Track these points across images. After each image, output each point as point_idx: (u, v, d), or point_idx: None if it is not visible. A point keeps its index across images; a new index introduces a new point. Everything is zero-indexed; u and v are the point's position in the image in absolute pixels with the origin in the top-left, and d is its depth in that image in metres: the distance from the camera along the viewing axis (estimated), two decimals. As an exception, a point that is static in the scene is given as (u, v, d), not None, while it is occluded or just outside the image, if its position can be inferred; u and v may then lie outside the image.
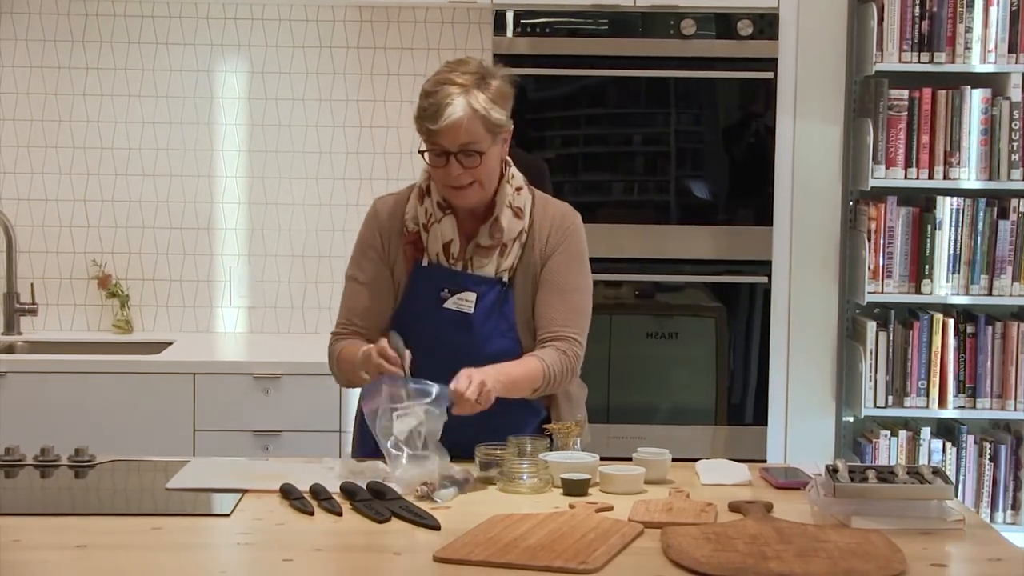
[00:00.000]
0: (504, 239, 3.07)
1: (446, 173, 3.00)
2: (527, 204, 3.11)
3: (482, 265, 3.07)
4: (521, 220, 3.09)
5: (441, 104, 2.96)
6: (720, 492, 2.86)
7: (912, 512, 2.63)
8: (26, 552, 2.45)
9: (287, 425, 4.37)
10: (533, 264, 3.10)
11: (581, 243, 3.15)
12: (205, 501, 2.80)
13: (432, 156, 3.02)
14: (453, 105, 2.95)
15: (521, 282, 3.10)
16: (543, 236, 3.10)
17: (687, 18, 4.63)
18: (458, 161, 2.99)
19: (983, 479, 4.76)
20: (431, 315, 3.06)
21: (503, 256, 3.07)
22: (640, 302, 4.74)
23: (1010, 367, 4.71)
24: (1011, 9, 4.64)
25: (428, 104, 2.98)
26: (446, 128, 2.95)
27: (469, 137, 2.97)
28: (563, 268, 3.10)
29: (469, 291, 3.05)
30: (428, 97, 2.99)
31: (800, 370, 4.92)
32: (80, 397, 4.35)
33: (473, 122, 2.97)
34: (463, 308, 3.05)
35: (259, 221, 5.01)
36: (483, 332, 3.05)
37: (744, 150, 4.77)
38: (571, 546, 2.43)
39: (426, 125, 2.98)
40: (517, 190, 3.11)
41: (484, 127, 2.98)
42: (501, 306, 3.07)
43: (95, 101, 4.96)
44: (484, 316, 3.06)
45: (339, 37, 4.96)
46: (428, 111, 2.98)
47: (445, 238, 3.07)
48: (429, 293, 3.07)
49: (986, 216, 4.69)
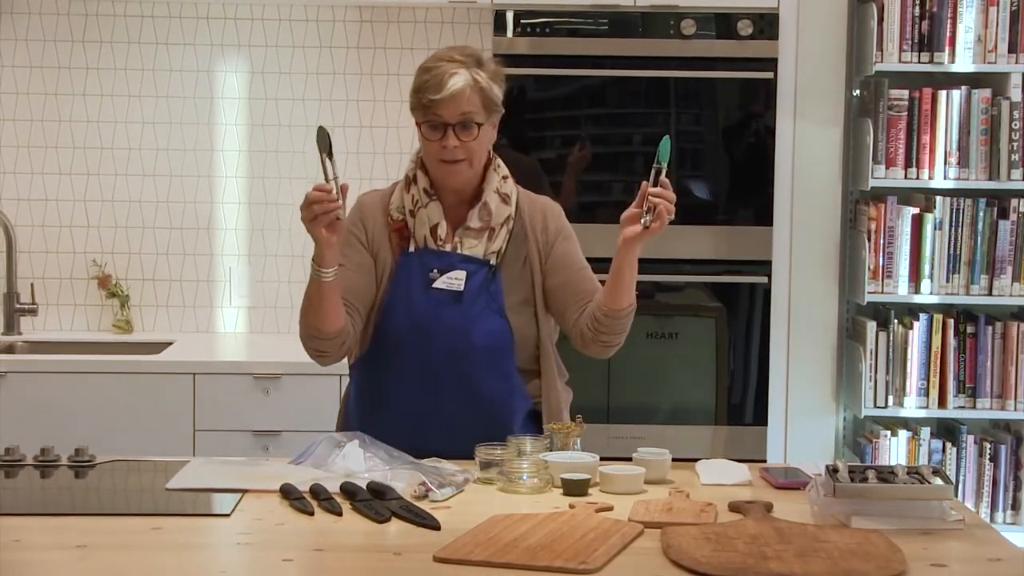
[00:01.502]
0: (492, 223, 3.13)
1: (441, 146, 3.06)
2: (513, 192, 3.19)
3: (471, 246, 3.12)
4: (508, 206, 3.15)
5: (444, 75, 3.03)
6: (720, 492, 2.86)
7: (912, 512, 2.63)
8: (26, 552, 2.45)
9: (287, 425, 4.37)
10: (528, 252, 3.16)
11: (570, 228, 3.26)
12: (205, 501, 2.80)
13: (428, 129, 3.07)
14: (456, 76, 3.03)
15: (510, 267, 3.15)
16: (535, 225, 3.17)
17: (687, 18, 4.63)
18: (455, 134, 3.04)
19: (983, 479, 4.76)
20: (421, 296, 3.10)
21: (491, 240, 3.13)
22: (640, 302, 4.69)
23: (1010, 367, 4.71)
24: (1011, 9, 4.64)
25: (429, 77, 3.05)
26: (448, 98, 3.02)
27: (470, 107, 3.04)
28: (572, 251, 3.20)
29: (458, 269, 3.10)
30: (428, 72, 3.07)
31: (800, 370, 4.92)
32: (80, 397, 4.35)
33: (474, 93, 3.04)
34: (453, 286, 3.09)
35: (259, 221, 5.01)
36: (472, 310, 3.09)
37: (744, 150, 4.77)
38: (571, 546, 2.43)
39: (427, 96, 3.04)
40: (504, 178, 3.18)
41: (482, 101, 3.06)
42: (489, 286, 3.11)
43: (95, 101, 4.96)
44: (473, 295, 3.10)
45: (339, 37, 4.97)
46: (430, 83, 3.04)
47: (432, 221, 3.12)
48: (417, 275, 3.11)
49: (986, 216, 4.69)
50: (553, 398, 3.19)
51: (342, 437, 2.99)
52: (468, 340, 3.08)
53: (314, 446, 3.00)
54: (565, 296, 3.16)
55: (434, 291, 3.09)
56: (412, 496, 2.74)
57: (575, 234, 3.25)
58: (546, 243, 3.17)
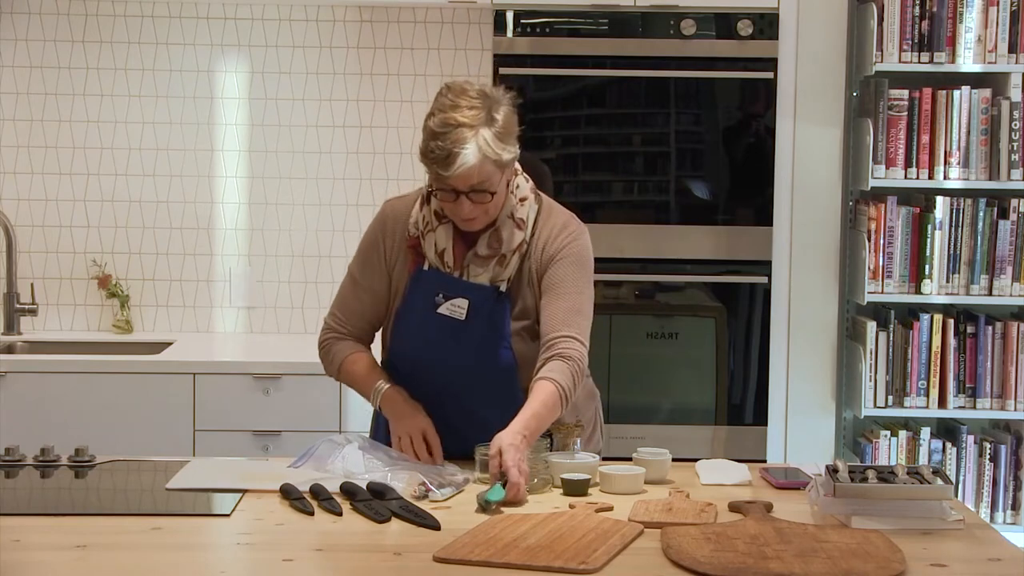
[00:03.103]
0: (503, 250, 3.04)
1: (456, 208, 2.98)
2: (530, 215, 3.08)
3: (478, 274, 3.04)
4: (522, 231, 3.05)
5: (452, 151, 2.88)
6: (720, 492, 2.86)
7: (912, 512, 2.63)
8: (26, 552, 2.45)
9: (287, 425, 4.37)
10: (529, 273, 3.07)
11: (583, 251, 3.10)
12: (205, 501, 2.80)
13: (442, 194, 2.97)
14: (464, 153, 2.88)
15: (517, 292, 3.07)
16: (540, 246, 3.07)
17: (687, 18, 4.63)
18: (469, 199, 2.96)
19: (983, 479, 4.76)
20: (425, 318, 3.06)
21: (501, 266, 3.04)
22: (640, 302, 4.74)
23: (1010, 367, 4.71)
24: (1011, 9, 4.64)
25: (437, 147, 2.90)
26: (457, 176, 2.91)
27: (481, 177, 2.93)
28: (561, 273, 3.05)
29: (462, 297, 3.04)
30: (436, 139, 2.90)
31: (800, 370, 4.92)
32: (80, 397, 4.35)
33: (485, 165, 2.91)
34: (455, 315, 3.03)
35: (259, 221, 5.01)
36: (473, 340, 3.04)
37: (744, 150, 4.77)
38: (571, 546, 2.43)
39: (437, 170, 2.92)
40: (521, 200, 3.07)
41: (495, 167, 2.94)
42: (493, 315, 3.04)
43: (95, 101, 4.96)
44: (475, 324, 3.04)
45: (339, 37, 4.96)
46: (439, 156, 2.90)
47: (439, 247, 3.05)
48: (426, 296, 3.07)
49: (986, 216, 4.69)
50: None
51: (341, 439, 2.99)
52: (470, 372, 3.03)
53: (313, 449, 3.00)
54: (540, 321, 3.04)
55: (438, 315, 3.05)
56: (412, 496, 2.75)
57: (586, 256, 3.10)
58: (542, 264, 3.06)
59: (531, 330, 3.06)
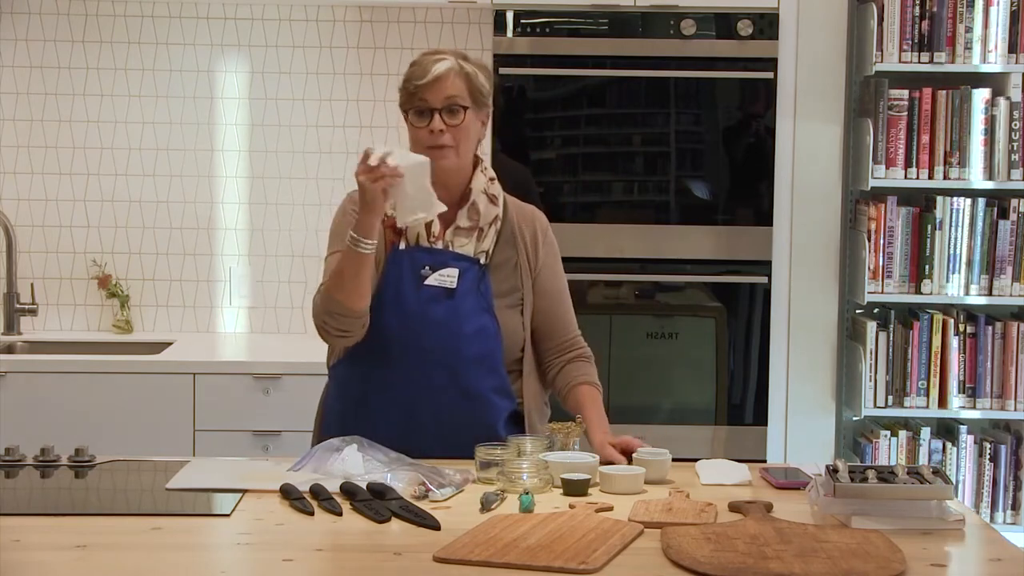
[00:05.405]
0: (481, 223, 3.16)
1: (428, 131, 3.10)
2: (500, 194, 3.23)
3: (462, 245, 3.15)
4: (496, 207, 3.19)
5: (429, 62, 3.11)
6: (720, 492, 2.86)
7: (912, 512, 2.63)
8: (26, 552, 2.45)
9: (287, 425, 4.37)
10: (518, 257, 3.20)
11: (555, 243, 3.31)
12: (205, 501, 2.80)
13: (415, 116, 3.12)
14: (440, 63, 3.10)
15: (499, 268, 3.18)
16: (525, 232, 3.23)
17: (687, 18, 4.64)
18: (441, 118, 3.08)
19: (983, 479, 4.76)
20: (412, 293, 3.11)
21: (480, 240, 3.16)
22: (640, 302, 4.74)
23: (1010, 367, 4.71)
24: (1011, 9, 4.64)
25: (415, 67, 3.13)
26: (433, 81, 3.08)
27: (455, 91, 3.10)
28: (555, 274, 3.27)
29: (451, 267, 3.12)
30: (414, 64, 3.15)
31: (800, 370, 4.92)
32: (80, 397, 4.35)
33: (459, 78, 3.10)
34: (446, 283, 3.12)
35: (259, 221, 5.01)
36: (464, 308, 3.12)
37: (744, 150, 4.77)
38: (571, 546, 2.43)
39: (413, 83, 3.10)
40: (491, 180, 3.23)
41: (468, 87, 3.12)
42: (479, 285, 3.14)
43: (95, 101, 4.96)
44: (465, 292, 3.12)
45: (339, 37, 4.97)
46: (416, 72, 3.12)
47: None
48: (409, 272, 3.12)
49: (986, 216, 4.69)
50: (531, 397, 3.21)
51: (340, 441, 2.99)
52: (459, 335, 3.10)
53: (313, 451, 3.00)
54: (544, 327, 3.24)
55: (425, 288, 3.11)
56: (412, 496, 2.75)
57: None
58: (536, 255, 3.23)
59: (513, 306, 3.19)
